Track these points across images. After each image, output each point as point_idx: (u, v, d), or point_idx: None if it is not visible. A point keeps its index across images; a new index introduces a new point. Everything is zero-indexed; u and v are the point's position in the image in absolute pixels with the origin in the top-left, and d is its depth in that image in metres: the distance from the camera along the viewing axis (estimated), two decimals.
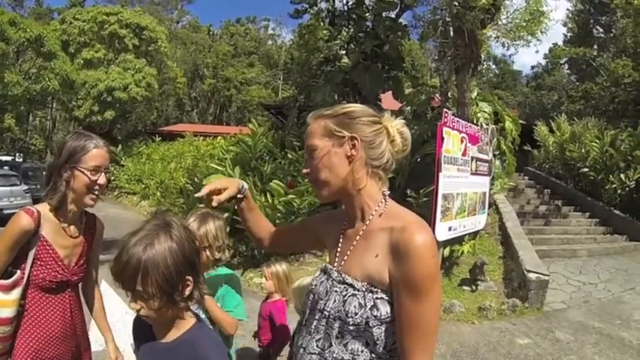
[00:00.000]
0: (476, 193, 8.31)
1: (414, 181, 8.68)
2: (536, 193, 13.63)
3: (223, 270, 2.36)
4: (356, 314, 1.25)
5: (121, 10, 31.73)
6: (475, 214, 8.28)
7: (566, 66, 37.07)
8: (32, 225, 1.84)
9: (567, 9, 32.21)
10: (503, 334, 5.75)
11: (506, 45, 9.94)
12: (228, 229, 2.38)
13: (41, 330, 1.89)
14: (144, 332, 1.42)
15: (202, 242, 2.16)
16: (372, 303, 1.25)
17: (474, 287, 7.26)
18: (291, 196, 8.31)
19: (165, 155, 21.43)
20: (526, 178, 15.36)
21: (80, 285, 2.14)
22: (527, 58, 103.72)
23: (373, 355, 1.26)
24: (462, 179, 7.70)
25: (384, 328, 1.26)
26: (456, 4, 8.43)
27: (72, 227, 1.99)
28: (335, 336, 1.29)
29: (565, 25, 32.47)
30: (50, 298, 1.92)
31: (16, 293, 1.83)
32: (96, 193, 1.93)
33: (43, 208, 1.91)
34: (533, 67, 50.01)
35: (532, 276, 6.73)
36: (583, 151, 12.88)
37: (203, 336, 1.39)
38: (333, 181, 1.36)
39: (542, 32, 9.49)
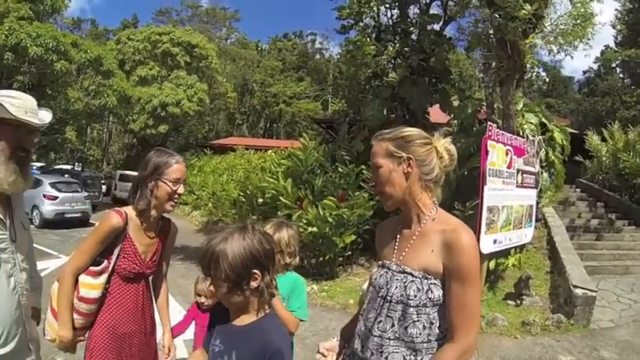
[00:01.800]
0: (522, 206, 8.25)
1: (461, 194, 8.71)
2: (588, 206, 13.20)
3: (292, 274, 2.60)
4: (415, 296, 1.55)
5: (172, 29, 33.21)
6: (521, 227, 8.23)
7: (619, 69, 35.43)
8: (121, 223, 2.24)
9: (616, 9, 30.72)
10: (546, 350, 5.72)
11: (553, 52, 9.86)
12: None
13: (118, 310, 2.29)
14: (220, 317, 1.71)
15: (275, 247, 2.42)
16: (428, 287, 1.55)
17: (518, 302, 7.23)
18: (342, 209, 8.52)
19: (217, 168, 22.07)
20: (578, 190, 14.91)
21: (151, 278, 2.52)
22: (579, 62, 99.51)
23: (430, 338, 1.55)
24: (508, 192, 7.69)
25: (437, 309, 1.55)
26: (497, 16, 8.44)
27: (151, 228, 2.38)
28: (398, 319, 1.58)
29: (614, 27, 31.01)
30: (128, 285, 2.32)
31: (102, 279, 2.23)
32: (175, 200, 2.33)
33: (130, 210, 2.30)
34: (585, 72, 48.29)
35: (578, 292, 6.64)
36: (638, 160, 12.40)
37: (272, 324, 1.66)
38: (394, 194, 1.67)
39: (588, 39, 9.35)
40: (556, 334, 6.25)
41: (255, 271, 1.57)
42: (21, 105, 1.90)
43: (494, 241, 7.37)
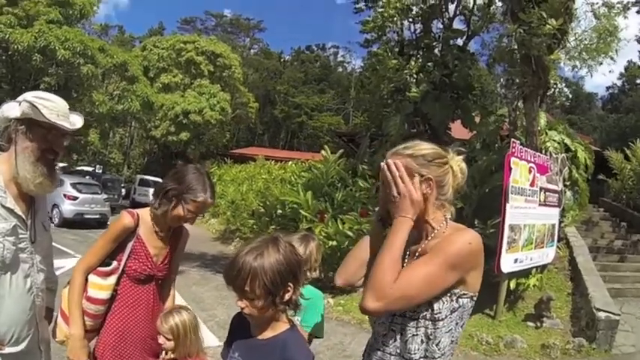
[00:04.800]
0: (544, 225, 8.13)
1: (482, 211, 8.59)
2: (611, 226, 12.94)
3: (309, 288, 2.47)
4: (414, 311, 1.48)
5: (197, 38, 33.90)
6: (543, 247, 8.10)
7: None
8: (133, 223, 2.23)
9: None
10: None
11: (577, 68, 9.72)
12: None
13: (128, 314, 2.26)
14: (241, 330, 1.71)
15: (305, 264, 2.26)
16: (428, 302, 1.47)
17: (538, 323, 7.07)
18: (364, 224, 8.48)
19: (237, 177, 22.16)
20: (601, 210, 14.63)
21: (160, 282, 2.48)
22: (602, 78, 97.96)
23: (427, 354, 1.47)
24: (530, 210, 7.59)
25: (436, 324, 1.46)
26: (521, 31, 8.34)
27: (163, 232, 2.35)
28: (399, 332, 1.52)
29: (639, 41, 30.40)
30: (138, 287, 2.29)
31: (111, 280, 2.21)
32: (183, 223, 2.33)
33: (144, 212, 2.31)
34: (608, 88, 47.69)
35: (601, 315, 6.47)
36: None
37: (293, 338, 1.64)
38: None
39: (611, 58, 9.21)
40: (577, 358, 6.10)
41: (290, 283, 1.56)
42: (54, 108, 1.92)
43: (515, 261, 7.25)
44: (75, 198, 15.35)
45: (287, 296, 1.57)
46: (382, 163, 1.57)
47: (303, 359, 1.61)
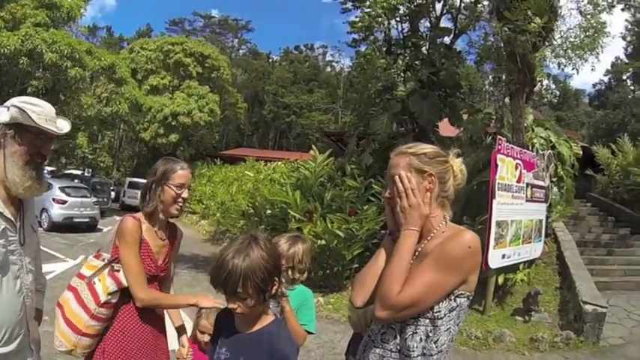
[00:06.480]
0: (531, 221, 8.22)
1: (471, 208, 8.65)
2: (599, 220, 13.04)
3: (301, 287, 2.50)
4: None
5: (185, 39, 33.85)
6: (530, 242, 8.19)
7: (630, 81, 35.25)
8: (138, 225, 2.31)
9: (626, 20, 30.34)
10: None
11: (562, 66, 9.83)
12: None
13: (132, 314, 2.31)
14: (226, 325, 1.76)
15: (288, 262, 2.34)
16: None
17: (526, 317, 7.14)
18: (352, 223, 8.52)
19: (226, 178, 22.12)
20: (588, 204, 14.72)
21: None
22: (589, 75, 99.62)
23: (425, 351, 1.53)
24: (517, 206, 7.67)
25: (435, 322, 1.52)
26: (507, 29, 8.43)
27: (160, 232, 2.44)
28: (399, 330, 1.58)
29: (624, 38, 30.75)
30: None
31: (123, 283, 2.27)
32: (180, 204, 2.40)
33: (139, 215, 2.38)
34: (595, 85, 48.15)
35: (588, 308, 6.54)
36: None
37: (279, 330, 1.72)
38: None
39: (597, 53, 9.34)
40: (565, 351, 6.16)
41: (275, 277, 1.64)
42: (41, 113, 1.95)
43: (503, 256, 7.33)
44: (64, 202, 15.18)
45: (274, 290, 1.64)
46: (395, 176, 1.63)
47: (291, 350, 1.67)
